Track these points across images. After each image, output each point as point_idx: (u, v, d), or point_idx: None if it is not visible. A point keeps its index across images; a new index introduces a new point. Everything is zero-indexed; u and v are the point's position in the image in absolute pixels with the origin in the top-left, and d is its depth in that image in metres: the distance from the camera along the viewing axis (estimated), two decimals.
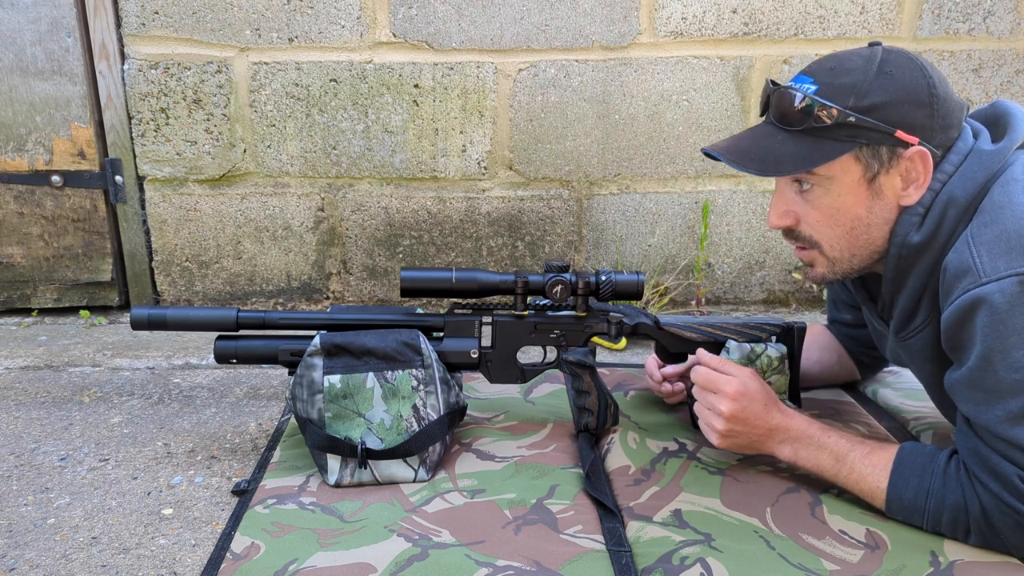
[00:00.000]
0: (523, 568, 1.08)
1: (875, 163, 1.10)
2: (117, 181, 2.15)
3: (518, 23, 2.09)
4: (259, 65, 2.09)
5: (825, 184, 1.12)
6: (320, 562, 1.09)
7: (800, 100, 1.11)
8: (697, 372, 1.27)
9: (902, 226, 1.13)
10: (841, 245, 1.16)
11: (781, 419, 1.22)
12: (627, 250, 2.28)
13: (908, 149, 1.08)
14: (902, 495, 1.12)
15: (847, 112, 1.08)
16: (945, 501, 1.08)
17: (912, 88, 1.08)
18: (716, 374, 1.24)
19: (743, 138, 1.19)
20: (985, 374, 1.02)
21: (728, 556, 1.09)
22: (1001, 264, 0.99)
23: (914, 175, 1.10)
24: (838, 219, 1.14)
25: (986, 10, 2.13)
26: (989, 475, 1.03)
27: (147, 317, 1.37)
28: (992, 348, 1.00)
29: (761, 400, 1.21)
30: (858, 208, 1.13)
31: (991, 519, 1.04)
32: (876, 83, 1.08)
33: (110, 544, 1.19)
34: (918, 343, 1.21)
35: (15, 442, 1.50)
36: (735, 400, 1.20)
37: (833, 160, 1.09)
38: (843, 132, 1.09)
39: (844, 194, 1.12)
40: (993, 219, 1.03)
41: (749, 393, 1.21)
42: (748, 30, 2.12)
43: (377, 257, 2.26)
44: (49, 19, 2.02)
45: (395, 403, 1.30)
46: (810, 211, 1.16)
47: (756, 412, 1.21)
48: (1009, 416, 1.01)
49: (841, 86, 1.09)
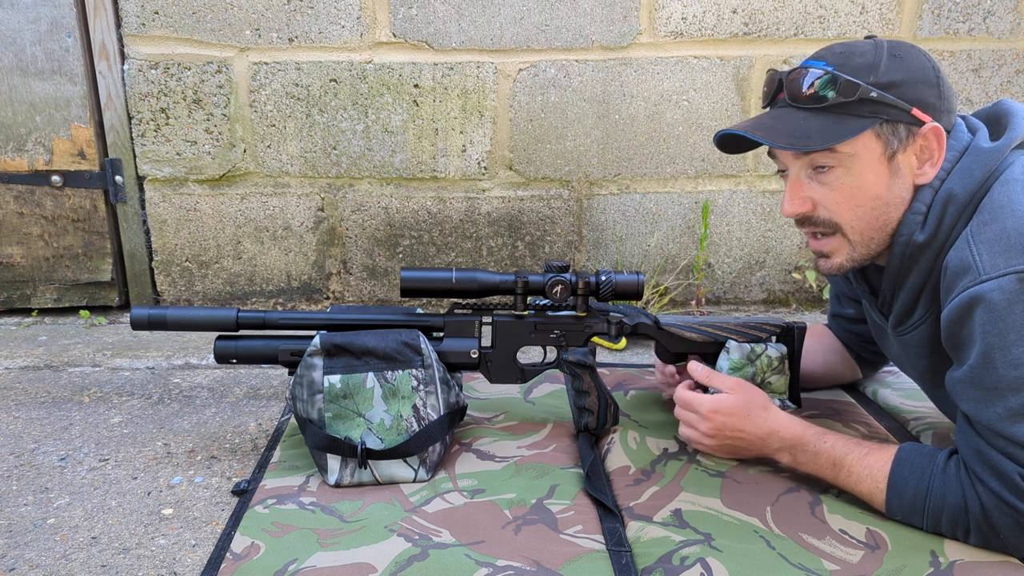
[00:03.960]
0: (523, 568, 1.08)
1: (895, 140, 1.11)
2: (117, 181, 2.15)
3: (518, 23, 2.09)
4: (259, 65, 2.09)
5: (847, 163, 1.13)
6: (320, 562, 1.09)
7: (817, 78, 1.12)
8: (677, 393, 1.34)
9: (907, 225, 1.14)
10: (862, 226, 1.16)
11: (771, 427, 1.26)
12: (627, 250, 2.28)
13: (923, 127, 1.11)
14: (901, 496, 1.12)
15: (869, 87, 1.09)
16: (945, 501, 1.08)
17: (921, 69, 1.11)
18: (692, 395, 1.32)
19: (763, 119, 1.19)
20: (985, 372, 1.02)
21: (728, 556, 1.09)
22: (1000, 262, 1.00)
23: (928, 153, 1.12)
24: (859, 199, 1.14)
25: (986, 10, 2.13)
26: (990, 473, 1.03)
27: (147, 317, 1.37)
28: (992, 345, 1.01)
29: (741, 413, 1.27)
30: (879, 187, 1.13)
31: (991, 518, 1.04)
32: (890, 64, 1.10)
33: (110, 544, 1.19)
34: (914, 338, 1.22)
35: (15, 442, 1.50)
36: (708, 419, 1.28)
37: (858, 136, 1.10)
38: (865, 108, 1.10)
39: (865, 172, 1.13)
40: (993, 218, 1.04)
41: (724, 409, 1.27)
42: (748, 30, 2.12)
43: (377, 257, 2.26)
44: (49, 19, 2.02)
45: (395, 403, 1.30)
46: (829, 193, 1.15)
47: (736, 425, 1.27)
48: (1010, 413, 1.01)
49: (858, 65, 1.11)
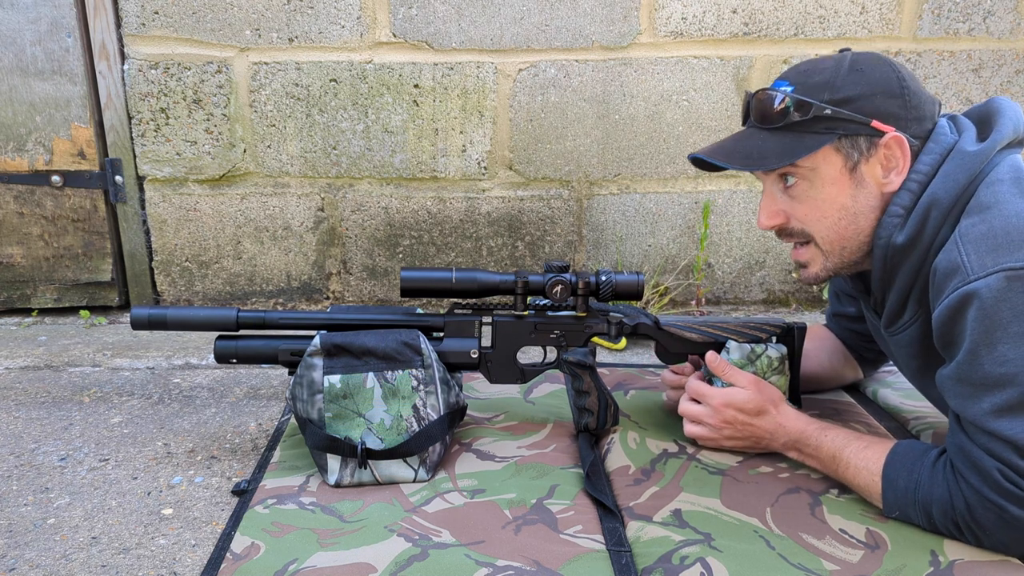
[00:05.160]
0: (523, 568, 1.08)
1: (855, 152, 1.15)
2: (117, 181, 2.15)
3: (518, 23, 2.09)
4: (259, 65, 2.09)
5: (809, 177, 1.18)
6: (320, 562, 1.09)
7: (780, 101, 1.17)
8: (690, 383, 1.37)
9: (884, 227, 1.16)
10: (831, 236, 1.20)
11: (778, 422, 1.30)
12: (627, 250, 2.28)
13: (884, 137, 1.13)
14: (895, 490, 1.14)
15: (823, 105, 1.13)
16: (932, 496, 1.10)
17: (883, 80, 1.14)
18: (706, 386, 1.34)
19: (726, 141, 1.25)
20: (972, 368, 1.04)
21: (728, 556, 1.09)
22: (988, 260, 1.02)
23: (893, 162, 1.15)
24: (824, 210, 1.19)
25: (986, 10, 2.13)
26: (971, 470, 1.05)
27: (147, 317, 1.37)
28: (978, 342, 1.02)
29: (753, 409, 1.30)
30: (843, 197, 1.17)
31: (975, 515, 1.05)
32: (848, 79, 1.14)
33: (110, 544, 1.19)
34: (905, 338, 1.24)
35: (15, 442, 1.50)
36: (719, 412, 1.32)
37: (814, 152, 1.15)
38: (821, 125, 1.14)
39: (828, 185, 1.17)
40: (981, 219, 1.06)
41: (736, 403, 1.31)
42: (748, 30, 2.12)
43: (377, 257, 2.26)
44: (49, 19, 2.02)
45: (395, 403, 1.30)
46: (797, 206, 1.21)
47: (746, 420, 1.31)
48: (994, 409, 1.02)
49: (815, 84, 1.16)
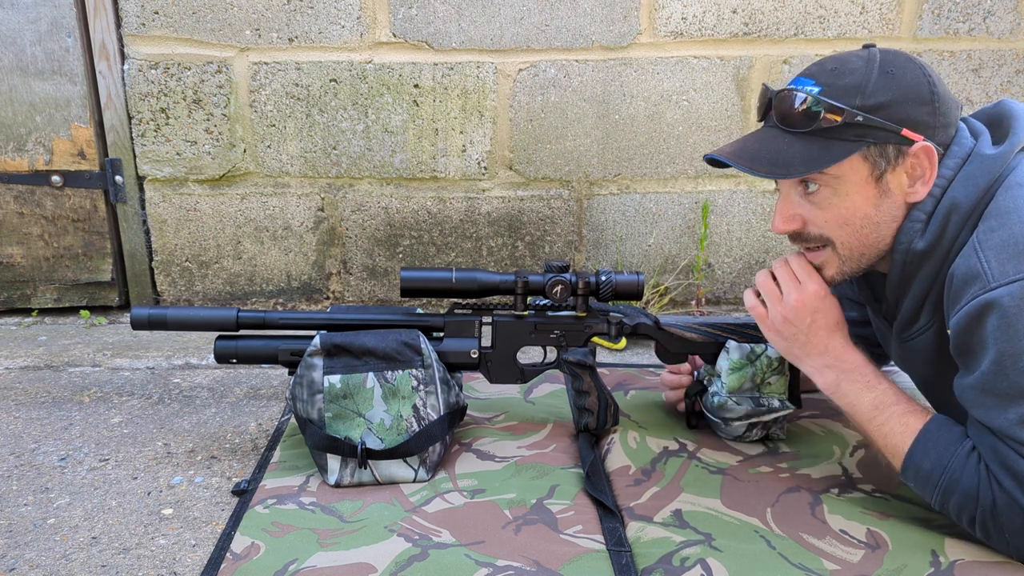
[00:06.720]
0: (523, 568, 1.08)
1: (882, 161, 1.10)
2: (117, 181, 2.15)
3: (518, 23, 2.09)
4: (259, 65, 2.09)
5: (833, 184, 1.13)
6: (320, 562, 1.09)
7: (803, 101, 1.11)
8: (781, 262, 1.25)
9: (905, 233, 1.13)
10: (851, 244, 1.16)
11: (841, 345, 1.22)
12: (627, 250, 2.28)
13: (913, 146, 1.09)
14: (919, 464, 1.10)
15: (855, 112, 1.08)
16: (959, 484, 1.07)
17: (914, 86, 1.09)
18: (808, 267, 1.22)
19: (749, 141, 1.19)
20: (997, 379, 1.02)
21: (728, 556, 1.09)
22: (1010, 268, 0.99)
23: (919, 171, 1.11)
24: (847, 218, 1.14)
25: (986, 10, 2.13)
26: (1005, 472, 1.02)
27: (147, 317, 1.37)
28: (1004, 352, 1.00)
29: (831, 321, 1.21)
30: (867, 207, 1.13)
31: (999, 516, 1.03)
32: (880, 83, 1.09)
33: (110, 544, 1.19)
34: (919, 345, 1.21)
35: (15, 442, 1.50)
36: (801, 293, 1.20)
37: (843, 160, 1.10)
38: (851, 132, 1.09)
39: (853, 193, 1.12)
40: (1000, 224, 1.03)
41: (825, 308, 1.21)
42: (748, 30, 2.12)
43: (377, 257, 2.26)
44: (49, 19, 2.02)
45: (395, 403, 1.30)
46: (818, 212, 1.16)
47: (821, 324, 1.21)
48: (1022, 419, 1.00)
49: (846, 87, 1.10)
